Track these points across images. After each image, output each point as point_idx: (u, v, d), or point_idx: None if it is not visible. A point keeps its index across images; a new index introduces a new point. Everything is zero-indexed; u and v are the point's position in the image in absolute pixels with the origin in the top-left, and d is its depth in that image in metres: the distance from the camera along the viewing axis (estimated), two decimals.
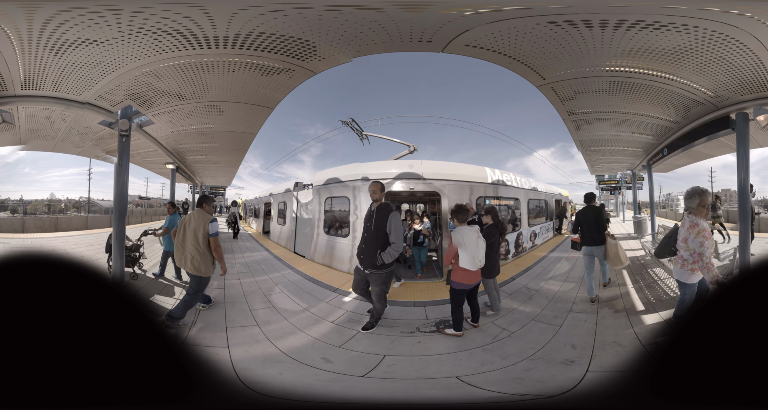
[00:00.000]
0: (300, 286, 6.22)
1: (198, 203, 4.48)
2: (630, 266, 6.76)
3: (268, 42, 3.78)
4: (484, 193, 8.09)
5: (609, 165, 11.77)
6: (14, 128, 6.31)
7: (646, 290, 5.34)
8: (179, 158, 9.80)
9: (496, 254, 4.80)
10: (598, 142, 8.17)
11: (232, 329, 4.16)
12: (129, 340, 0.72)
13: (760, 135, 6.63)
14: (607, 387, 0.84)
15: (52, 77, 4.27)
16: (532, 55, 4.10)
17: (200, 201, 4.46)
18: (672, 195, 52.82)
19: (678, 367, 0.71)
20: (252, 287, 6.03)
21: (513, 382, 2.97)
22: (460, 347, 3.75)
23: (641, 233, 11.26)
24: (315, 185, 9.17)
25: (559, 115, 6.18)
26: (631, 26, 3.38)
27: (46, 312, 0.66)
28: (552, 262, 8.23)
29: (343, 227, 8.17)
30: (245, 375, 3.08)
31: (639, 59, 4.05)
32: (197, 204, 4.51)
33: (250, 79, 4.67)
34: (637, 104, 5.50)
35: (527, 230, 9.81)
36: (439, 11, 3.30)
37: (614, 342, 3.62)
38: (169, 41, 3.65)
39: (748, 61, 3.85)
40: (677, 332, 0.77)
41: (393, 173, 7.51)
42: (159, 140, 7.62)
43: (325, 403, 1.23)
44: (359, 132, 11.21)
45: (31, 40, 3.47)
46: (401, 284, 6.33)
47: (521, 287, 6.05)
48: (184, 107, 5.66)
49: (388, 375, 3.15)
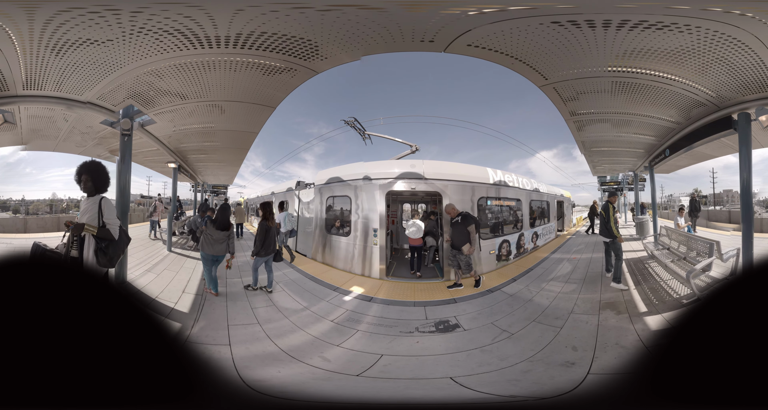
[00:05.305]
0: (301, 285, 6.23)
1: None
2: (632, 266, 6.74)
3: (269, 41, 3.77)
4: (485, 193, 8.08)
5: (611, 166, 11.73)
6: (16, 128, 6.32)
7: (648, 292, 5.32)
8: (181, 157, 9.80)
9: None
10: (600, 143, 8.13)
11: (234, 327, 4.17)
12: (130, 340, 0.72)
13: (762, 135, 6.59)
14: (609, 389, 0.84)
15: (53, 77, 4.27)
16: (535, 55, 4.09)
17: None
18: (674, 196, 52.69)
19: (678, 367, 0.70)
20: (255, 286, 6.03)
21: (508, 384, 2.96)
22: (458, 347, 3.74)
23: (643, 235, 11.23)
24: (317, 184, 9.18)
25: (562, 115, 6.16)
26: (634, 26, 3.37)
27: (47, 312, 0.66)
28: (554, 263, 8.21)
29: (345, 226, 8.18)
30: (246, 373, 3.09)
31: (641, 60, 4.03)
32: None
33: (252, 78, 4.67)
34: (639, 104, 5.47)
35: (529, 231, 9.79)
36: (442, 11, 3.30)
37: (616, 343, 3.60)
38: (171, 41, 3.65)
39: (750, 62, 3.83)
40: (678, 332, 0.77)
41: (395, 173, 7.51)
42: (161, 139, 7.62)
43: (320, 402, 1.23)
44: (362, 131, 11.22)
45: (33, 40, 3.48)
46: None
47: (522, 288, 6.04)
48: (185, 107, 5.66)
49: (383, 375, 3.15)
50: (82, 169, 3.56)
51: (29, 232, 14.10)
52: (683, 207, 10.60)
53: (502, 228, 8.72)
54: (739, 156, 5.02)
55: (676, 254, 6.73)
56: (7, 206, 40.29)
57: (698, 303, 0.74)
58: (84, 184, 3.55)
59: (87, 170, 3.56)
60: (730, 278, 0.84)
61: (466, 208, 7.34)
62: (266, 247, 5.86)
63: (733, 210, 20.58)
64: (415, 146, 10.57)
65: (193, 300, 5.07)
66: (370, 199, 7.57)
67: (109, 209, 3.50)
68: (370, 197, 7.58)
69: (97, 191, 3.59)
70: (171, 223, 9.46)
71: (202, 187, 16.60)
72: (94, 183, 3.57)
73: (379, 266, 7.18)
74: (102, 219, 3.43)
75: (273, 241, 6.00)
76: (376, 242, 7.33)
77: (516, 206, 9.46)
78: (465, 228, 6.08)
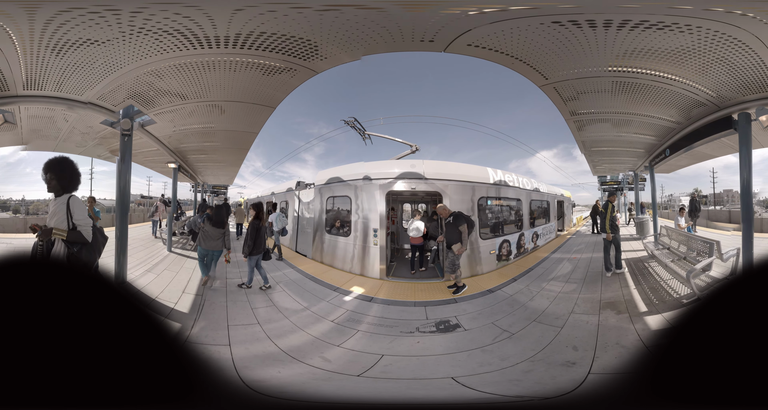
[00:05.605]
0: (301, 285, 6.23)
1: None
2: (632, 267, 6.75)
3: (269, 42, 3.77)
4: (485, 193, 8.08)
5: (611, 166, 11.72)
6: (16, 129, 6.32)
7: (648, 292, 5.32)
8: (181, 157, 9.80)
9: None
10: (600, 142, 8.13)
11: (234, 327, 4.17)
12: (129, 340, 0.72)
13: (763, 135, 6.59)
14: (610, 389, 0.84)
15: (53, 77, 4.27)
16: (535, 55, 4.08)
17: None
18: (674, 196, 52.70)
19: (678, 367, 0.70)
20: (254, 286, 6.03)
21: (510, 384, 2.96)
22: (459, 347, 3.74)
23: (643, 234, 11.23)
24: (317, 185, 9.18)
25: (562, 115, 6.16)
26: (635, 26, 3.36)
27: (46, 312, 0.66)
28: (554, 263, 8.21)
29: (345, 227, 8.18)
30: (245, 373, 3.09)
31: (642, 60, 4.03)
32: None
33: (252, 78, 4.67)
34: (640, 104, 5.47)
35: (529, 231, 9.79)
36: (441, 11, 3.29)
37: (617, 343, 3.60)
38: (170, 41, 3.65)
39: (750, 62, 3.83)
40: (678, 332, 0.77)
41: (395, 173, 7.51)
42: (161, 140, 7.62)
43: (320, 402, 1.23)
44: (362, 131, 11.21)
45: (33, 41, 3.48)
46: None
47: (523, 288, 6.04)
48: (185, 107, 5.66)
49: (384, 375, 3.15)
50: (45, 167, 3.17)
51: (29, 232, 14.09)
52: (684, 207, 10.56)
53: (502, 228, 8.72)
54: (740, 156, 5.02)
55: (677, 253, 6.73)
56: (8, 206, 40.28)
57: (698, 303, 0.74)
58: (48, 183, 3.17)
59: (50, 168, 3.16)
60: (730, 277, 0.85)
61: (466, 208, 7.34)
62: (258, 246, 6.07)
63: (733, 210, 20.57)
64: (415, 146, 10.57)
65: (193, 300, 5.07)
66: (370, 199, 7.57)
67: (78, 209, 3.14)
68: (370, 197, 7.58)
69: (64, 190, 3.21)
70: (171, 223, 9.47)
71: (202, 187, 16.59)
72: (59, 181, 3.18)
73: (380, 266, 7.18)
74: (72, 221, 3.08)
75: (263, 240, 6.23)
76: (376, 242, 7.33)
77: (516, 206, 9.46)
78: (457, 228, 6.07)
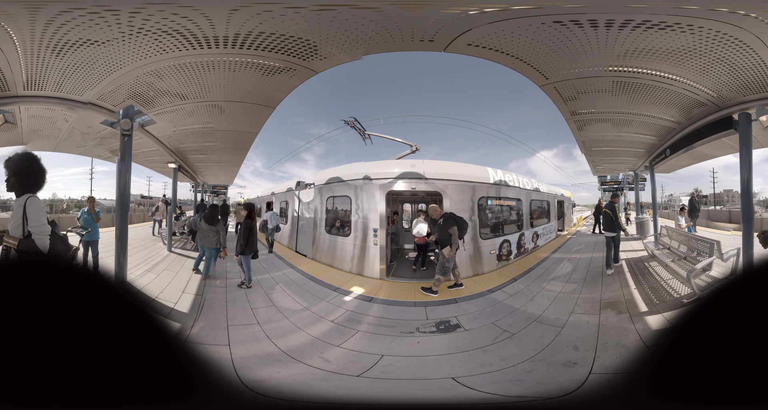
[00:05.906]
0: (301, 285, 6.23)
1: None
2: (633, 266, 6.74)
3: (268, 42, 3.77)
4: (486, 193, 8.08)
5: (611, 166, 11.71)
6: (16, 129, 6.32)
7: (649, 292, 5.32)
8: (181, 157, 9.80)
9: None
10: (600, 142, 8.13)
11: (233, 327, 4.17)
12: (129, 340, 0.72)
13: (763, 135, 6.58)
14: (611, 389, 0.83)
15: (54, 77, 4.27)
16: (536, 54, 4.08)
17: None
18: (674, 196, 52.77)
19: (679, 367, 0.70)
20: (253, 286, 6.03)
21: (511, 384, 2.96)
22: (459, 348, 3.74)
23: (643, 234, 11.22)
24: (317, 185, 9.18)
25: (562, 115, 6.15)
26: (636, 26, 3.36)
27: (46, 312, 0.66)
28: (554, 263, 8.21)
29: (345, 227, 8.18)
30: (245, 373, 3.08)
31: (643, 60, 4.03)
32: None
33: (251, 78, 4.67)
34: (640, 104, 5.47)
35: (529, 231, 9.79)
36: (441, 10, 3.29)
37: (617, 343, 3.60)
38: (170, 41, 3.65)
39: (751, 62, 3.82)
40: (678, 332, 0.76)
41: (395, 173, 7.51)
42: (161, 140, 7.62)
43: (320, 403, 1.23)
44: (362, 131, 11.21)
45: (33, 41, 3.48)
46: None
47: (523, 288, 6.04)
48: (185, 107, 5.66)
49: (384, 376, 3.15)
50: (4, 162, 2.82)
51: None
52: (684, 207, 10.56)
53: (502, 228, 8.72)
54: (740, 156, 5.02)
55: (677, 253, 6.73)
56: (7, 206, 40.33)
57: (699, 303, 0.74)
58: (6, 181, 2.79)
59: (8, 165, 2.79)
60: (730, 277, 0.85)
61: (466, 208, 7.34)
62: (250, 245, 6.14)
63: (733, 210, 20.56)
64: (416, 146, 10.57)
65: (192, 300, 5.07)
66: (370, 199, 7.57)
67: (35, 213, 2.64)
68: (370, 197, 7.57)
69: (24, 190, 2.77)
70: (171, 223, 9.48)
71: (202, 187, 16.58)
72: (17, 179, 2.77)
73: (380, 266, 7.17)
74: (26, 227, 2.59)
75: (256, 239, 6.31)
76: (376, 242, 7.33)
77: (516, 206, 9.45)
78: (446, 230, 5.91)
